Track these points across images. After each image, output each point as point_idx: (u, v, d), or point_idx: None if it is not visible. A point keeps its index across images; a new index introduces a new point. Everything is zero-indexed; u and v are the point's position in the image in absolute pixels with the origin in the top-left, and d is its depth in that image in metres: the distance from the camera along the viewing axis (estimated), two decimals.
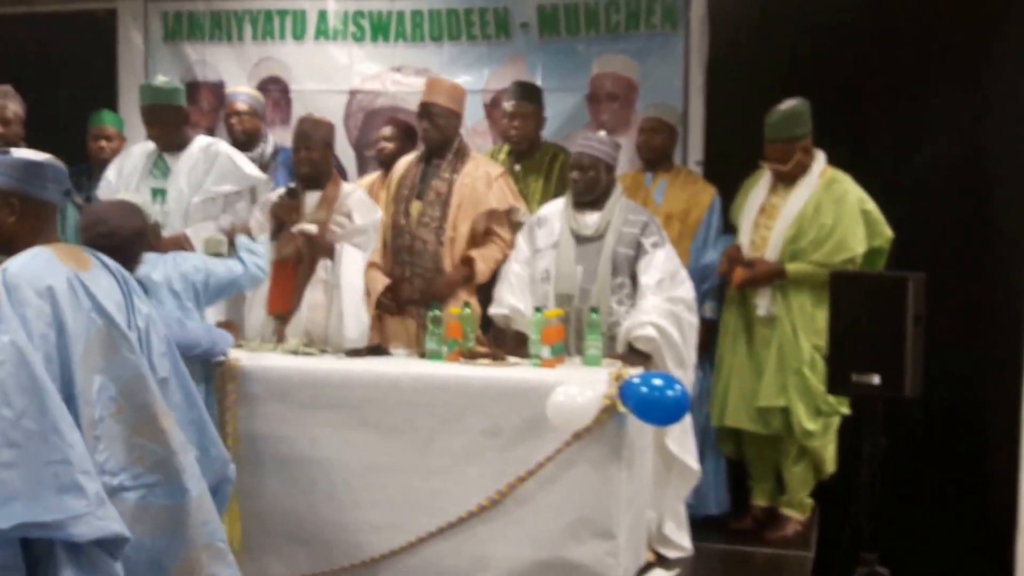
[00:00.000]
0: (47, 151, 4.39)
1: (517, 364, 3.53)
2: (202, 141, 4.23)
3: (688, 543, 3.71)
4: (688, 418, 3.45)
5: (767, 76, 4.47)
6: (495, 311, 3.90)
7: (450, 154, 4.12)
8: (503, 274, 3.94)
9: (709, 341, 4.06)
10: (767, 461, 4.13)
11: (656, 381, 3.12)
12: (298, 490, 3.43)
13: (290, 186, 4.09)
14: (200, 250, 3.92)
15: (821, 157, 4.04)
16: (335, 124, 5.03)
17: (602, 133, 3.95)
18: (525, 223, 4.03)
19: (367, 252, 4.06)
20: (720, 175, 4.49)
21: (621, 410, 3.12)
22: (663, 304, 3.61)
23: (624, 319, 3.66)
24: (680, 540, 3.69)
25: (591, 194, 3.80)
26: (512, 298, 3.84)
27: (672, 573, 3.50)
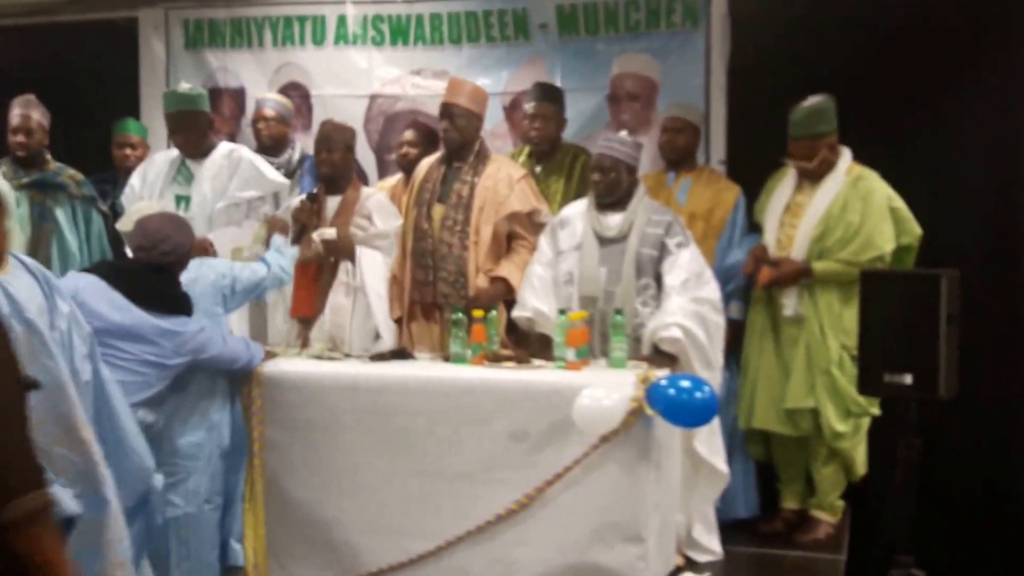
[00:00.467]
0: (71, 160, 4.48)
1: (542, 367, 3.51)
2: (225, 147, 4.25)
3: (718, 547, 3.67)
4: (716, 420, 3.41)
5: (790, 73, 4.42)
6: (518, 314, 3.87)
7: (471, 156, 4.10)
8: (525, 276, 3.91)
9: (735, 342, 4.00)
10: (796, 463, 4.08)
11: (684, 383, 3.08)
12: (324, 495, 3.43)
13: (311, 191, 4.09)
14: (224, 255, 3.94)
15: (847, 154, 3.99)
16: (356, 129, 5.07)
17: (623, 133, 3.91)
18: (547, 225, 4.00)
19: (389, 257, 4.05)
20: (743, 174, 4.45)
21: (648, 413, 3.09)
22: (689, 305, 3.57)
23: (649, 320, 3.62)
24: (710, 544, 3.65)
25: (612, 196, 3.77)
26: (535, 301, 3.81)
27: None
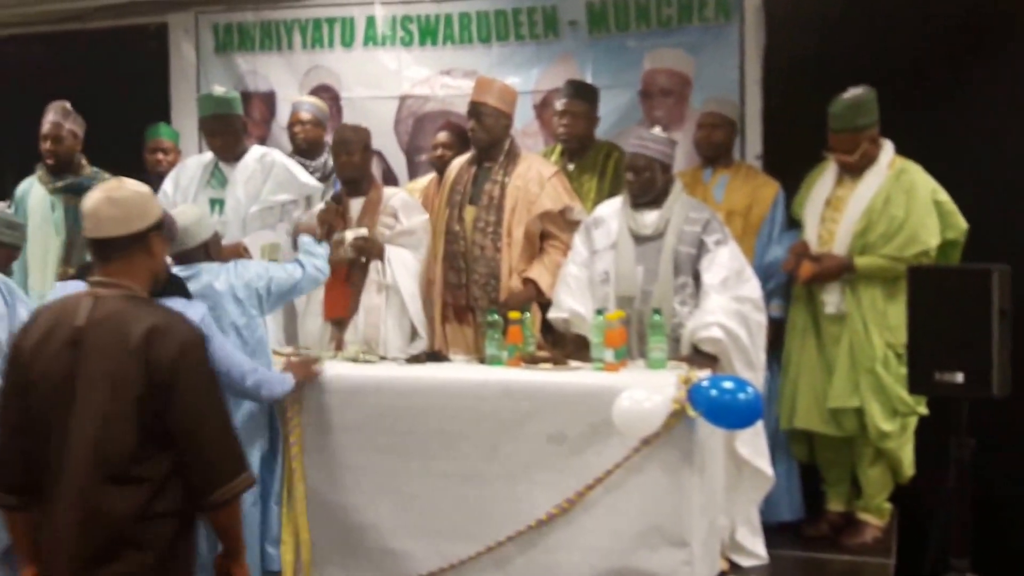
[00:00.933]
0: (105, 165, 4.48)
1: (579, 368, 3.46)
2: (258, 151, 4.25)
3: (763, 550, 3.60)
4: (759, 421, 3.32)
5: (827, 65, 4.34)
6: (554, 315, 3.81)
7: (501, 156, 4.06)
8: (561, 277, 3.85)
9: (776, 340, 3.92)
10: (842, 464, 4.00)
11: (727, 384, 3.01)
12: (362, 499, 3.40)
13: (335, 194, 4.09)
14: (258, 257, 3.92)
15: (889, 147, 3.90)
16: (386, 130, 5.05)
17: (656, 130, 3.83)
18: (581, 223, 3.94)
19: (417, 254, 4.02)
20: (780, 169, 4.38)
21: (691, 414, 3.02)
22: (729, 303, 3.49)
23: (688, 320, 3.55)
24: (755, 547, 3.58)
25: (647, 195, 3.70)
26: (571, 301, 3.75)
27: None
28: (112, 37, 5.46)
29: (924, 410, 3.80)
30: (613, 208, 3.81)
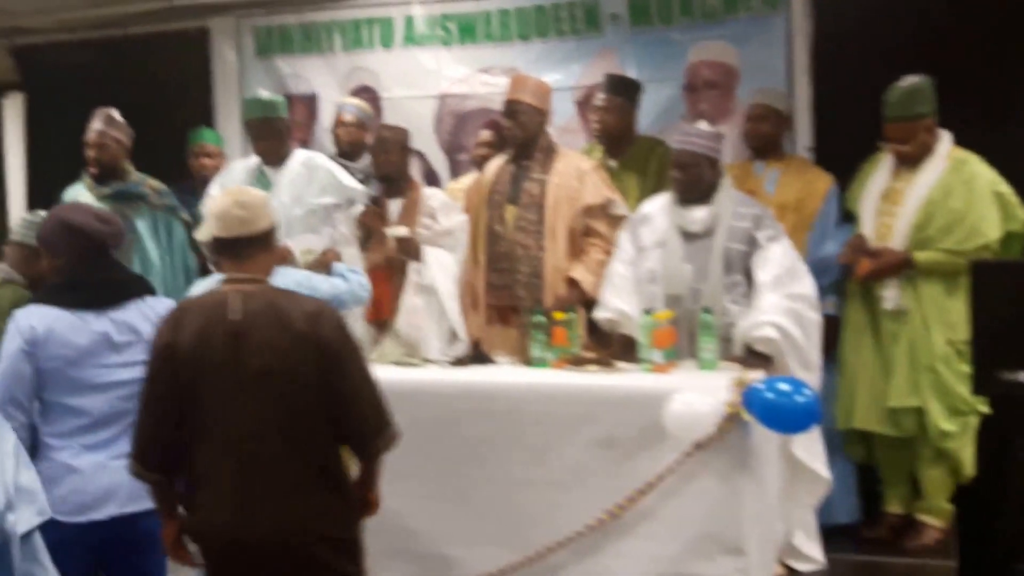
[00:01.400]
0: (149, 170, 4.50)
1: (627, 370, 3.39)
2: (302, 155, 4.25)
3: (820, 555, 3.52)
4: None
5: (878, 53, 4.25)
6: (600, 315, 3.74)
7: (538, 153, 4.00)
8: (607, 276, 3.78)
9: (831, 339, 3.81)
10: (900, 465, 3.89)
11: (782, 386, 2.92)
12: (410, 504, 3.35)
13: (373, 195, 4.06)
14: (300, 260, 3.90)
15: (946, 137, 3.78)
16: (426, 130, 5.02)
17: (702, 125, 3.74)
18: (628, 221, 3.86)
19: (457, 254, 3.98)
20: (831, 161, 4.29)
21: (745, 418, 2.93)
22: (782, 302, 3.40)
23: (740, 319, 3.46)
24: (811, 552, 3.50)
25: (694, 192, 3.61)
26: (618, 301, 3.68)
27: None
28: (155, 42, 5.50)
29: (986, 408, 3.68)
30: (660, 205, 3.73)
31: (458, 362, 3.65)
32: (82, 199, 4.36)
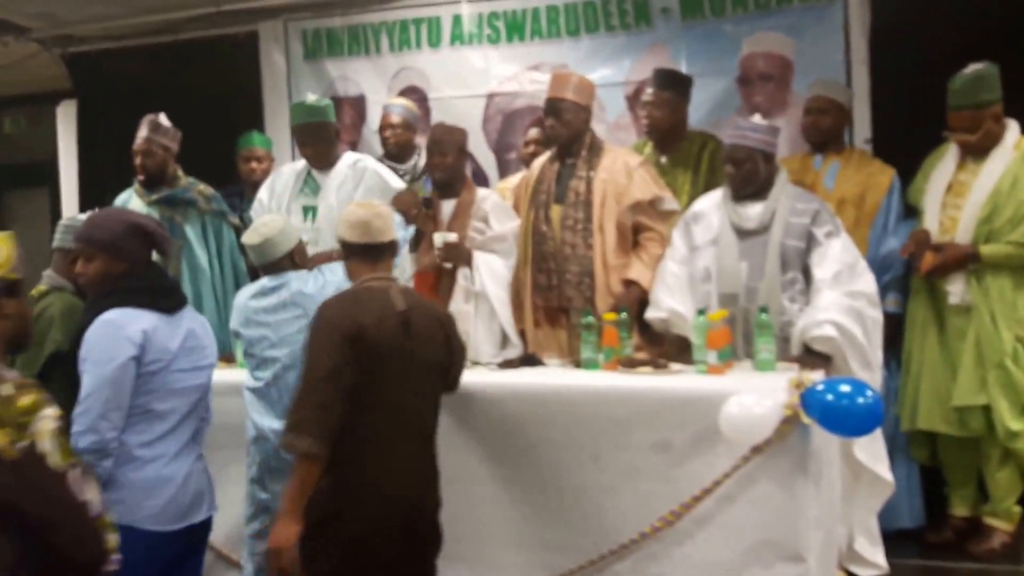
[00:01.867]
0: (199, 174, 4.53)
1: (681, 372, 3.31)
2: (350, 157, 4.24)
3: (882, 560, 3.41)
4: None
5: (938, 42, 4.15)
6: (652, 315, 3.67)
7: (583, 151, 3.91)
8: (659, 275, 3.70)
9: (894, 337, 3.72)
10: (967, 466, 3.78)
11: (843, 387, 2.81)
12: (461, 509, 3.30)
13: (426, 196, 4.01)
14: None
15: (1014, 126, 3.65)
16: (474, 129, 4.98)
17: (756, 118, 3.64)
18: (680, 218, 3.78)
19: (509, 260, 3.92)
20: (891, 153, 4.18)
21: (805, 421, 2.83)
22: (842, 299, 3.29)
23: (798, 318, 3.36)
24: (874, 557, 3.39)
25: (749, 188, 3.51)
26: (671, 300, 3.60)
27: None
28: (204, 47, 5.56)
29: None
30: (713, 201, 3.64)
31: (507, 364, 3.59)
32: (132, 205, 4.41)
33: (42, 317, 2.90)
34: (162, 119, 4.39)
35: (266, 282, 3.25)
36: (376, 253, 2.76)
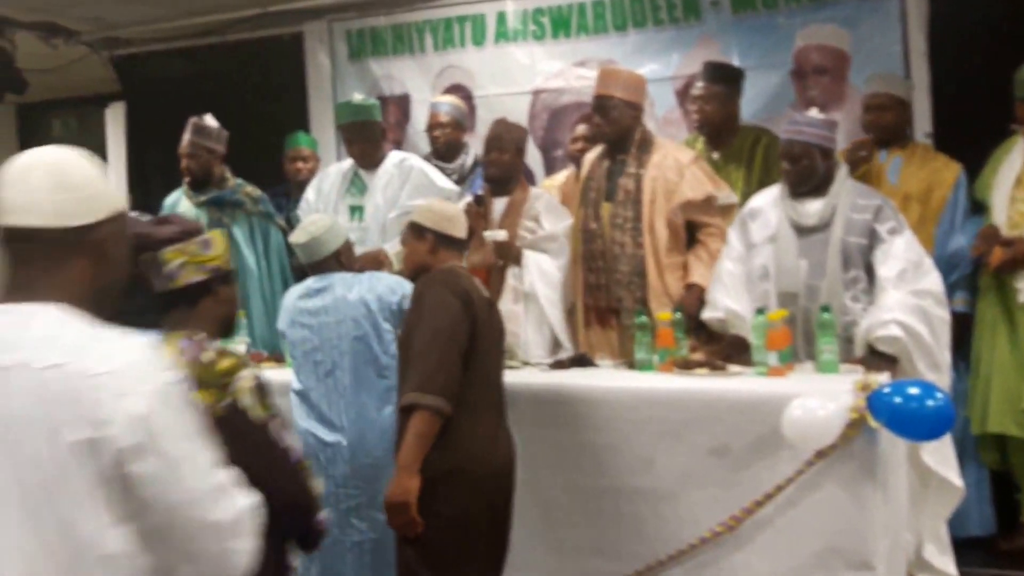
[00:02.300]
0: (246, 175, 4.53)
1: (739, 374, 3.20)
2: (396, 156, 4.22)
3: (953, 569, 3.29)
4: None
5: (998, 33, 4.03)
6: (709, 315, 3.57)
7: (633, 147, 3.82)
8: (715, 274, 3.59)
9: (962, 337, 3.59)
10: None
11: (912, 390, 2.69)
12: (514, 514, 3.24)
13: (477, 193, 3.95)
14: (395, 263, 3.85)
15: None
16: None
17: (812, 112, 3.52)
18: (736, 215, 3.67)
19: (560, 260, 3.84)
20: (953, 147, 4.04)
21: (872, 424, 2.72)
22: (907, 299, 3.17)
23: (861, 318, 3.25)
24: (944, 566, 3.27)
25: (807, 185, 3.39)
26: (728, 300, 3.50)
27: None
28: (250, 49, 5.58)
29: None
30: (770, 198, 3.53)
31: (558, 364, 3.52)
32: (181, 206, 4.42)
33: None
34: (207, 121, 4.38)
35: (312, 283, 3.23)
36: (462, 246, 3.01)
